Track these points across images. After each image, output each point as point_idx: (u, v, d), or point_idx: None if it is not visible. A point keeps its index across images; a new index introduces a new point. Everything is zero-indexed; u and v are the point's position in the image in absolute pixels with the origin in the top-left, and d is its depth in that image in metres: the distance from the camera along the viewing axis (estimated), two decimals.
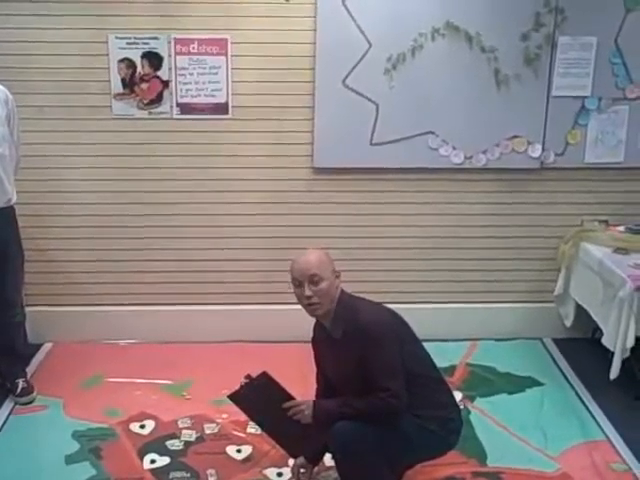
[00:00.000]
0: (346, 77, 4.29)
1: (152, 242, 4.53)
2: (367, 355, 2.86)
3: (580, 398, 4.08)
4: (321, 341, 3.15)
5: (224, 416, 3.84)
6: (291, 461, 3.42)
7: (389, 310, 3.07)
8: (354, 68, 4.28)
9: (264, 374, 3.08)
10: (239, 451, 3.59)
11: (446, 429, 3.02)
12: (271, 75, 4.31)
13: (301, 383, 3.89)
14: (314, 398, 3.19)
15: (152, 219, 4.50)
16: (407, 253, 4.61)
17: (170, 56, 4.27)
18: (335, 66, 4.28)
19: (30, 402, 3.96)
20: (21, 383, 3.99)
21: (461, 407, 3.92)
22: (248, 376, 3.07)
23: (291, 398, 3.07)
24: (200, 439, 3.68)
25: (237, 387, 3.09)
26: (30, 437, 3.68)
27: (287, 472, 3.40)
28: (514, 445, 3.65)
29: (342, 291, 3.05)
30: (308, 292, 2.94)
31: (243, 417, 3.76)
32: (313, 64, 4.29)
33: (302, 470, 3.27)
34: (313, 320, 3.14)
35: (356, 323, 2.92)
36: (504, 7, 4.25)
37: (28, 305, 4.36)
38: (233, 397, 3.13)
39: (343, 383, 3.05)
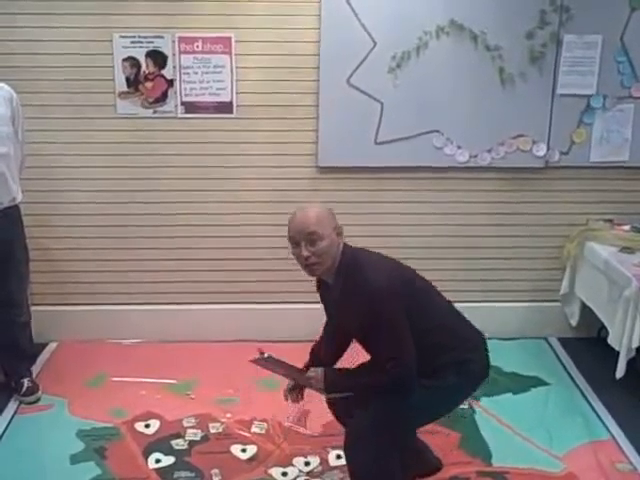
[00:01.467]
0: (350, 76, 4.29)
1: (157, 241, 4.53)
2: (369, 324, 2.72)
3: (585, 398, 4.07)
4: (324, 293, 3.02)
5: (228, 415, 3.85)
6: (295, 459, 3.46)
7: (394, 266, 2.89)
8: (359, 67, 4.27)
9: (270, 356, 3.04)
10: (244, 450, 3.58)
11: (465, 373, 2.87)
12: (275, 74, 4.31)
13: None
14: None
15: (157, 218, 4.50)
16: (411, 252, 4.58)
17: (174, 55, 4.27)
18: (339, 65, 4.27)
19: (35, 401, 3.96)
20: (26, 382, 3.99)
21: (466, 407, 3.94)
22: (260, 350, 3.02)
23: (301, 371, 3.02)
24: (205, 438, 3.67)
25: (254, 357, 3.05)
26: (35, 436, 3.69)
27: (292, 471, 3.41)
28: (519, 445, 3.65)
29: (345, 246, 2.86)
30: (305, 252, 2.75)
31: (247, 417, 3.81)
32: (317, 63, 4.28)
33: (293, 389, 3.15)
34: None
35: (357, 288, 2.74)
36: (509, 5, 4.24)
37: (33, 304, 4.35)
38: (253, 361, 3.09)
39: (348, 337, 3.01)
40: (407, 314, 2.75)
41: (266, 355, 2.95)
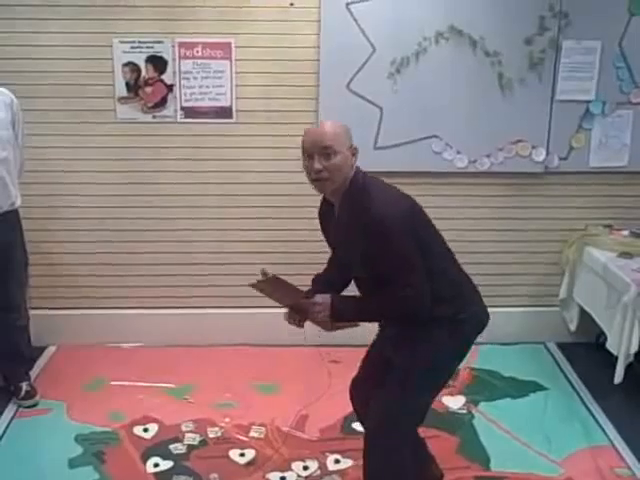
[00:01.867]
0: (350, 81, 4.29)
1: (155, 245, 4.54)
2: (378, 252, 2.62)
3: (584, 403, 4.07)
4: (327, 216, 2.90)
5: (227, 420, 3.84)
6: (294, 464, 3.47)
7: (403, 198, 2.77)
8: (358, 72, 4.28)
9: (275, 277, 2.77)
10: (242, 455, 3.58)
11: (460, 334, 2.81)
12: (275, 79, 4.32)
13: (304, 387, 3.90)
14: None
15: (156, 222, 4.50)
16: None
17: (174, 60, 4.28)
18: (339, 70, 4.28)
19: (33, 405, 3.96)
20: (24, 386, 3.99)
21: (464, 412, 3.95)
22: (263, 272, 2.78)
23: (306, 296, 2.81)
24: (203, 443, 3.67)
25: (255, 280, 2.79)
26: (33, 441, 3.68)
27: (290, 476, 3.40)
28: (518, 450, 3.64)
29: (357, 170, 2.75)
30: (318, 165, 2.65)
31: (246, 421, 3.80)
32: (317, 68, 4.29)
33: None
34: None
35: (366, 214, 2.63)
36: (508, 11, 4.25)
37: (32, 308, 4.35)
38: (253, 286, 2.83)
39: (351, 265, 2.82)
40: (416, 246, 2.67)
41: (270, 274, 2.73)
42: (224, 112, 4.36)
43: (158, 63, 4.29)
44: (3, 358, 4.04)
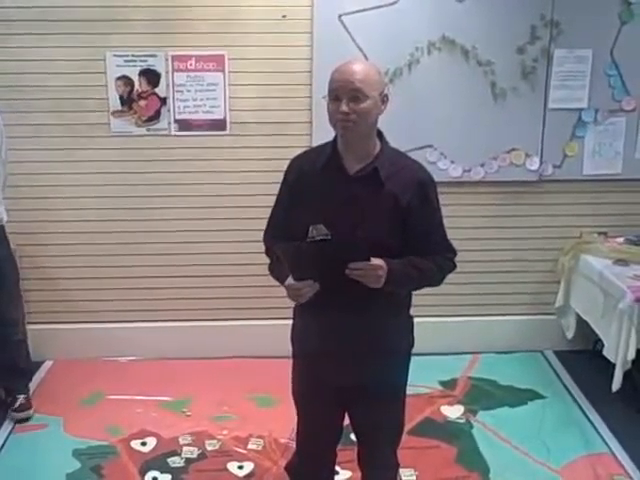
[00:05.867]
0: None
1: (150, 259, 4.53)
2: (431, 212, 2.55)
3: (582, 410, 4.07)
4: (320, 175, 2.62)
5: (225, 432, 3.83)
6: None
7: None
8: None
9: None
10: (241, 467, 3.57)
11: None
12: (269, 91, 4.33)
13: None
14: None
15: (150, 236, 4.50)
16: None
17: (168, 73, 4.28)
18: None
19: (26, 419, 3.93)
20: (21, 399, 3.97)
21: (463, 421, 3.95)
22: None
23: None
24: (201, 456, 3.66)
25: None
26: (31, 456, 3.66)
27: None
28: (516, 459, 3.64)
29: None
30: (345, 108, 2.40)
31: (244, 433, 3.79)
32: (310, 80, 4.30)
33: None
34: None
35: (421, 171, 2.56)
36: (500, 21, 4.27)
37: (28, 323, 4.34)
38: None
39: (358, 230, 2.45)
40: None
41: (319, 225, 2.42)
42: (218, 124, 4.37)
43: (151, 76, 4.29)
44: (2, 372, 4.02)
